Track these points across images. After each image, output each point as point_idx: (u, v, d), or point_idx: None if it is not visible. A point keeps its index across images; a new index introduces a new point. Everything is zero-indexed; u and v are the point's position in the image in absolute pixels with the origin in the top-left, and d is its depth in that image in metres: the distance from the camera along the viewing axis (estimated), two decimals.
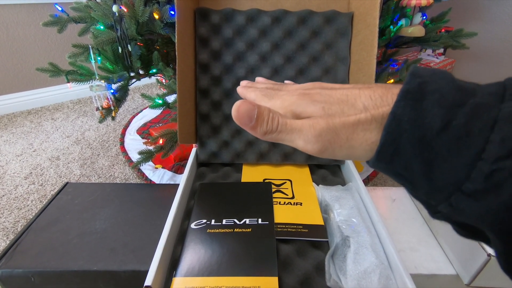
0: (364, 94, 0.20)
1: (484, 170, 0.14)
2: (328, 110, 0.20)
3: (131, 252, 0.52)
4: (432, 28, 0.96)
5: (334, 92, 0.21)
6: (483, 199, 0.15)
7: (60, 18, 0.88)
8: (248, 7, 0.60)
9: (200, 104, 0.61)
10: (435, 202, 0.17)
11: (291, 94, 0.23)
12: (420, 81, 0.17)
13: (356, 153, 0.19)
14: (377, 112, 0.18)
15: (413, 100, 0.16)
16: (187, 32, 0.57)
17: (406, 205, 0.62)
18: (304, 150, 0.21)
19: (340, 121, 0.19)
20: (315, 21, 0.59)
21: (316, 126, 0.20)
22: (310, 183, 0.57)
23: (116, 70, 0.87)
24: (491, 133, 0.14)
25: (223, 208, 0.50)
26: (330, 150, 0.20)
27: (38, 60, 1.67)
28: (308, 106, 0.21)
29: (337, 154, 0.20)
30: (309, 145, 0.20)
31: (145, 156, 0.86)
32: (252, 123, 0.21)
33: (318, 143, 0.20)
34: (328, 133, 0.19)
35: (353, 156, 0.20)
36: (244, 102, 0.21)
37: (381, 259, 0.40)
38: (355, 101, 0.20)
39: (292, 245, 0.45)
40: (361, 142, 0.19)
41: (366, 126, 0.19)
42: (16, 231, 0.86)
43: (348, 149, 0.19)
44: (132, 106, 1.71)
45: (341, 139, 0.19)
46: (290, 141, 0.21)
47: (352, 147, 0.19)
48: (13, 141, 1.36)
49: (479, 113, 0.15)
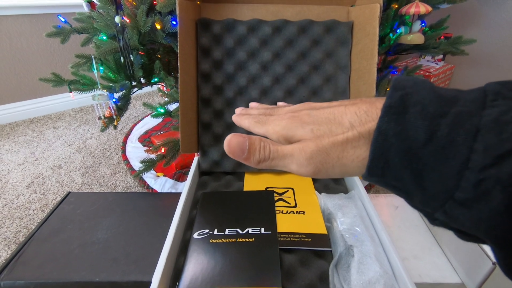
0: (350, 111, 0.20)
1: (471, 179, 0.14)
2: (317, 131, 0.21)
3: (133, 262, 0.52)
4: (431, 35, 0.97)
5: (321, 112, 0.22)
6: (474, 207, 0.15)
7: (63, 29, 0.90)
8: (249, 17, 0.61)
9: (202, 113, 0.62)
10: (431, 210, 0.17)
11: (281, 118, 0.24)
12: (402, 94, 0.17)
13: (349, 170, 0.20)
14: (364, 129, 0.19)
15: (396, 114, 0.17)
16: (189, 42, 0.58)
17: (409, 212, 0.62)
18: (299, 174, 0.21)
19: (329, 141, 0.20)
20: (316, 31, 0.60)
21: (306, 149, 0.20)
22: (312, 192, 0.57)
23: (118, 79, 0.88)
24: (474, 142, 0.14)
25: (225, 217, 0.50)
26: (323, 171, 0.20)
27: (41, 69, 1.69)
28: (297, 129, 0.22)
29: (331, 174, 0.21)
30: (302, 169, 0.21)
31: (147, 165, 0.86)
32: (245, 155, 0.22)
33: (311, 166, 0.20)
34: (318, 154, 0.20)
35: (347, 174, 0.20)
36: (234, 135, 0.22)
37: (385, 269, 0.39)
38: (341, 119, 0.20)
39: (295, 254, 0.44)
40: (352, 159, 0.19)
41: (355, 143, 0.19)
42: (17, 241, 0.85)
43: (340, 168, 0.20)
44: (134, 114, 1.72)
45: (332, 158, 0.20)
46: (284, 167, 0.22)
47: (344, 165, 0.20)
48: (15, 150, 1.36)
49: (461, 122, 0.15)
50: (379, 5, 0.53)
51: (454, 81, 1.84)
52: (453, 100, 0.16)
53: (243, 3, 0.61)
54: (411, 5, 0.86)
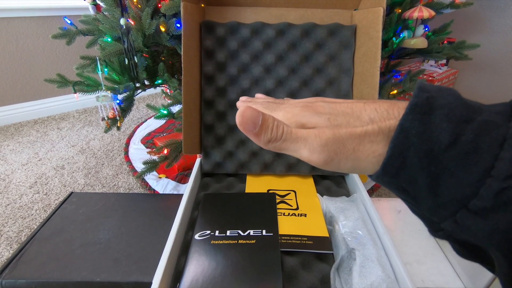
0: (370, 107, 0.20)
1: (493, 187, 0.14)
2: (333, 120, 0.20)
3: (134, 263, 0.52)
4: (435, 40, 0.97)
5: (338, 105, 0.21)
6: (491, 217, 0.14)
7: (69, 31, 0.91)
8: (252, 20, 0.62)
9: (204, 115, 0.62)
10: (438, 219, 0.17)
11: (293, 106, 0.23)
12: (428, 96, 0.17)
13: (361, 165, 0.19)
14: (384, 125, 0.18)
15: (422, 114, 0.16)
16: (193, 44, 0.58)
17: (411, 216, 0.61)
18: (309, 161, 0.20)
19: (346, 131, 0.19)
20: (319, 34, 0.60)
21: (322, 135, 0.19)
22: (314, 194, 0.57)
23: (122, 81, 0.89)
24: (500, 151, 0.14)
25: (227, 219, 0.49)
26: (335, 161, 0.19)
27: (46, 71, 1.71)
28: (313, 117, 0.21)
29: (342, 166, 0.20)
30: (314, 155, 0.20)
31: (149, 166, 0.86)
32: (256, 130, 0.20)
33: (324, 153, 0.19)
34: (334, 143, 0.19)
35: (358, 169, 0.20)
36: (249, 107, 0.20)
37: (387, 273, 0.39)
38: (360, 114, 0.20)
39: (297, 257, 0.44)
40: (367, 154, 0.18)
41: (373, 138, 0.18)
42: (20, 241, 0.86)
43: (353, 161, 0.19)
44: (137, 116, 1.73)
45: (348, 150, 0.19)
46: (294, 151, 0.21)
47: (358, 159, 0.19)
48: (19, 150, 1.37)
49: (488, 130, 0.15)
50: (382, 9, 0.53)
51: (457, 86, 1.83)
52: (478, 109, 0.16)
53: (247, 6, 0.62)
54: (414, 10, 0.86)
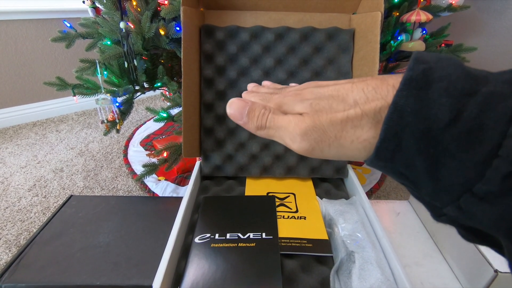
0: (357, 87, 0.18)
1: (501, 169, 0.12)
2: (315, 105, 0.19)
3: (134, 266, 0.52)
4: (432, 43, 0.98)
5: (326, 89, 0.20)
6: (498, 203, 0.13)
7: (68, 34, 0.91)
8: (252, 24, 0.62)
9: (204, 118, 0.62)
10: (440, 204, 0.15)
11: (284, 96, 0.22)
12: (425, 67, 0.15)
13: (347, 152, 0.18)
14: (368, 107, 0.17)
15: (417, 89, 0.14)
16: (193, 48, 0.59)
17: (410, 218, 0.62)
18: (292, 149, 0.20)
19: (327, 118, 0.18)
20: (318, 38, 0.61)
21: (301, 124, 0.19)
22: (313, 197, 0.57)
23: (122, 84, 0.89)
24: (509, 127, 0.12)
25: (227, 222, 0.50)
26: (317, 149, 0.19)
27: (45, 73, 1.71)
28: (296, 104, 0.20)
29: (326, 154, 0.19)
30: (295, 144, 0.19)
31: (149, 169, 0.86)
32: (243, 120, 0.21)
33: (304, 142, 0.19)
34: (314, 131, 0.18)
35: (344, 156, 0.19)
36: (238, 99, 0.22)
37: (386, 275, 0.39)
38: (346, 96, 0.18)
39: (297, 260, 0.44)
40: (351, 140, 0.17)
41: (356, 122, 0.17)
42: (18, 244, 0.85)
43: (338, 148, 0.18)
44: (136, 118, 1.73)
45: (329, 137, 0.18)
46: (279, 138, 0.21)
47: (341, 146, 0.18)
48: (17, 152, 1.37)
49: (494, 104, 0.13)
50: (380, 13, 0.54)
51: None
52: (484, 79, 0.14)
53: (246, 11, 0.62)
54: (412, 13, 0.86)
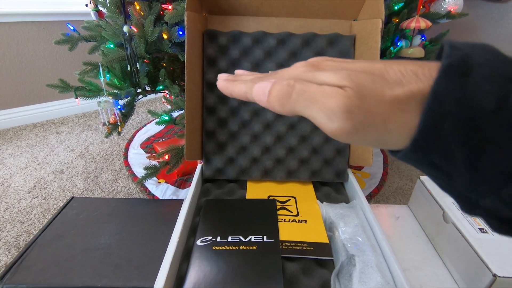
0: (392, 68, 0.16)
1: None
2: (355, 78, 0.16)
3: (135, 268, 0.52)
4: (432, 49, 0.99)
5: (350, 64, 0.17)
6: None
7: (71, 37, 0.92)
8: (254, 29, 0.63)
9: (206, 122, 0.63)
10: (476, 196, 0.15)
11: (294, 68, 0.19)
12: (463, 54, 0.14)
13: (391, 139, 0.16)
14: (417, 88, 0.15)
15: (458, 76, 0.13)
16: (196, 53, 0.59)
17: (409, 222, 0.62)
18: (326, 129, 0.16)
19: (375, 95, 0.15)
20: (319, 43, 0.62)
21: (344, 99, 0.15)
22: (314, 201, 0.58)
23: (124, 86, 0.90)
24: None
25: (228, 225, 0.50)
26: (361, 132, 0.16)
27: (46, 75, 1.71)
28: (327, 74, 0.16)
29: (368, 139, 0.16)
30: (334, 124, 0.15)
31: (150, 172, 0.86)
32: (266, 97, 0.18)
33: (348, 122, 0.15)
34: (360, 110, 0.15)
35: (386, 143, 0.16)
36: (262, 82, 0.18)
37: (387, 279, 0.40)
38: (384, 74, 0.16)
39: (297, 263, 0.45)
40: (398, 125, 0.15)
41: (404, 105, 0.15)
42: (18, 245, 0.85)
43: (383, 134, 0.16)
44: (136, 121, 1.73)
45: (377, 120, 0.15)
46: (310, 114, 0.16)
47: (387, 131, 0.15)
48: (18, 154, 1.37)
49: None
50: (381, 20, 0.55)
51: None
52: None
53: (249, 16, 0.63)
54: (411, 20, 0.88)
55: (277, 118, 0.63)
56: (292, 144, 0.63)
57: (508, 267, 0.41)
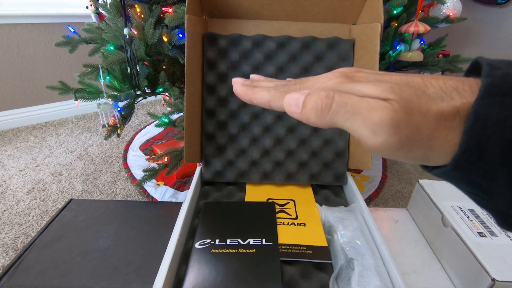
0: (431, 83, 0.15)
1: None
2: (399, 91, 0.15)
3: (134, 271, 0.52)
4: (430, 53, 1.00)
5: (386, 75, 0.17)
6: None
7: (72, 39, 0.92)
8: (254, 32, 0.63)
9: (206, 124, 0.63)
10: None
11: (327, 79, 0.18)
12: (504, 73, 0.14)
13: (434, 156, 0.15)
14: (461, 103, 0.14)
15: (501, 96, 0.13)
16: (196, 55, 0.60)
17: (408, 226, 0.62)
18: (368, 144, 0.15)
19: (420, 110, 0.15)
20: (318, 47, 0.62)
21: (390, 113, 0.14)
22: (313, 204, 0.58)
23: (124, 88, 0.90)
24: None
25: (227, 227, 0.50)
26: (406, 148, 0.15)
27: (46, 77, 1.71)
28: (368, 87, 0.16)
29: (412, 156, 0.15)
30: (379, 138, 0.15)
31: (149, 174, 0.86)
32: (299, 108, 0.17)
33: (394, 137, 0.15)
34: (407, 125, 0.14)
35: (428, 160, 0.16)
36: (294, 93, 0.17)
37: (385, 283, 0.40)
38: (424, 90, 0.15)
39: (296, 266, 0.45)
40: (442, 143, 0.15)
41: (449, 122, 0.14)
42: (16, 247, 0.85)
43: (426, 150, 0.15)
44: (136, 123, 1.73)
45: (422, 136, 0.15)
46: (351, 127, 0.16)
47: (431, 148, 0.15)
48: (16, 155, 1.37)
49: None
50: (380, 24, 0.55)
51: None
52: None
53: (249, 19, 0.63)
54: (410, 24, 0.88)
55: (276, 121, 0.63)
56: (292, 147, 0.63)
57: (507, 271, 0.41)
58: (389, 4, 0.87)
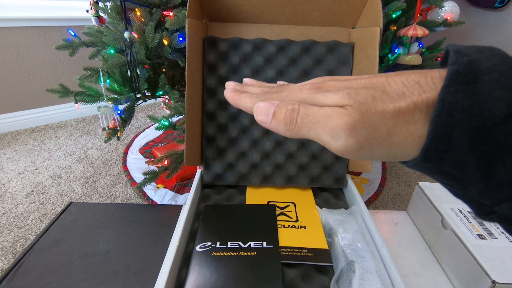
0: (394, 81, 0.16)
1: None
2: (356, 96, 0.16)
3: (134, 274, 0.52)
4: (429, 56, 1.00)
5: (352, 81, 0.18)
6: None
7: (72, 42, 0.92)
8: (254, 36, 0.64)
9: (206, 127, 0.63)
10: (491, 202, 0.15)
11: (299, 90, 0.19)
12: (469, 59, 0.14)
13: (399, 151, 0.16)
14: (420, 99, 0.15)
15: (466, 83, 0.13)
16: (196, 59, 0.60)
17: (408, 229, 0.62)
18: (332, 148, 0.17)
19: (376, 110, 0.15)
20: (318, 50, 0.63)
21: (345, 117, 0.16)
22: (313, 206, 0.58)
23: (124, 91, 0.90)
24: None
25: (228, 230, 0.50)
26: (366, 148, 0.16)
27: (45, 80, 1.72)
28: (326, 95, 0.17)
29: (375, 154, 0.16)
30: (339, 142, 0.16)
31: (149, 177, 0.86)
32: (270, 121, 0.18)
33: (352, 139, 0.16)
34: (363, 126, 0.16)
35: (394, 155, 0.16)
36: (263, 102, 0.19)
37: (386, 285, 0.40)
38: (385, 89, 0.16)
39: (297, 269, 0.45)
40: (405, 137, 0.15)
41: (409, 117, 0.15)
42: (15, 251, 0.84)
43: (389, 147, 0.16)
44: (135, 125, 1.73)
45: (381, 134, 0.15)
46: (315, 136, 0.17)
47: (394, 144, 0.16)
48: (15, 158, 1.36)
49: None
50: (379, 28, 0.56)
51: None
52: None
53: (249, 23, 0.64)
54: (409, 28, 0.89)
55: None
56: (292, 150, 0.63)
57: (507, 273, 0.41)
58: (388, 8, 0.88)
